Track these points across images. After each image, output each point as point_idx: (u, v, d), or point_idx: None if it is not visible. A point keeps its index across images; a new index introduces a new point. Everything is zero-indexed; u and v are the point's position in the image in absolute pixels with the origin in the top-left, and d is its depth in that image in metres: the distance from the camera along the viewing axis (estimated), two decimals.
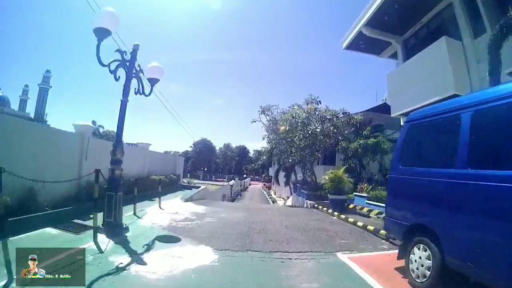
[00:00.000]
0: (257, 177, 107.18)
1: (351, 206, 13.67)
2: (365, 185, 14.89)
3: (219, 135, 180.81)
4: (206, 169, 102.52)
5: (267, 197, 50.38)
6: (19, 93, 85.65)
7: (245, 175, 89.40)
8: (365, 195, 13.91)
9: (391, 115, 14.54)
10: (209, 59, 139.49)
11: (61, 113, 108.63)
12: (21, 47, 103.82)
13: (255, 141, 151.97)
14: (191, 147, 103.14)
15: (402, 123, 14.92)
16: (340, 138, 17.46)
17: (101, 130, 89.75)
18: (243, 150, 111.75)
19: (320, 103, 18.16)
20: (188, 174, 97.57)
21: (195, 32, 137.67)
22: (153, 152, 18.14)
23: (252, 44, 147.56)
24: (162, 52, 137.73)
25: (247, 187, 74.76)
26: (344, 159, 19.59)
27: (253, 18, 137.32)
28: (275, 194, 51.99)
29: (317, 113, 17.55)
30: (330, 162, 23.48)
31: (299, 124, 16.97)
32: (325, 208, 13.15)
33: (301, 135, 16.31)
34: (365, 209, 12.73)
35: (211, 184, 63.71)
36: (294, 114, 16.67)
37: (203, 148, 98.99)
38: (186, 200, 14.42)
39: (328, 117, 17.53)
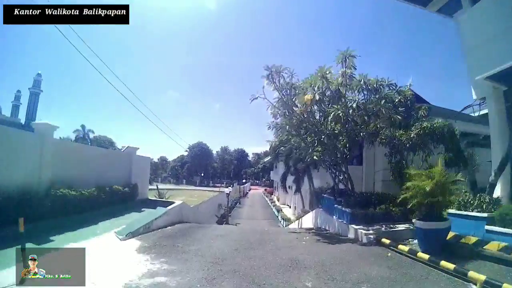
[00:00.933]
0: (257, 182, 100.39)
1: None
2: (467, 195, 7.89)
3: (216, 139, 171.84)
4: (203, 174, 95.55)
5: (270, 204, 43.30)
6: (12, 99, 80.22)
7: (244, 180, 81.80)
8: (481, 214, 6.99)
9: (476, 78, 9.30)
10: (205, 62, 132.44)
11: (54, 119, 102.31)
12: (14, 51, 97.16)
13: (254, 145, 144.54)
14: (186, 151, 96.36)
15: (475, 96, 10.92)
16: (399, 117, 10.40)
17: (91, 135, 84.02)
18: (241, 154, 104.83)
19: (356, 69, 11.01)
20: (184, 180, 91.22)
21: (191, 35, 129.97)
22: (65, 144, 11.00)
23: (250, 45, 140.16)
24: (159, 58, 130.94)
25: (247, 192, 67.51)
26: (391, 154, 12.41)
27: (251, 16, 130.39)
28: (278, 201, 45.07)
29: (357, 78, 10.46)
30: (353, 161, 16.66)
31: (329, 93, 10.03)
32: (403, 247, 6.35)
33: (339, 112, 9.26)
34: (494, 245, 6.03)
35: (208, 190, 56.89)
36: (325, 73, 9.57)
37: (199, 152, 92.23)
38: (130, 236, 7.53)
39: (374, 85, 10.49)
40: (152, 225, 9.08)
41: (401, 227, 8.60)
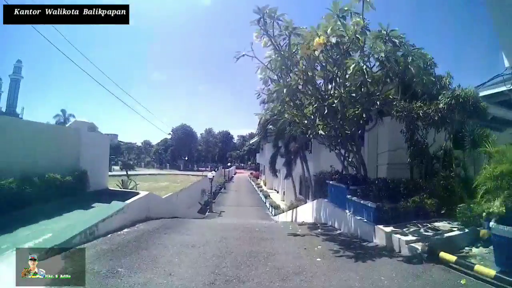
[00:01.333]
0: (242, 165, 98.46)
1: None
2: None
3: (201, 122, 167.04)
4: (187, 158, 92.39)
5: (256, 189, 41.08)
6: None
7: (229, 163, 78.27)
8: None
9: None
10: (193, 45, 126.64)
11: (36, 105, 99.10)
12: None
13: (239, 128, 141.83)
14: (169, 134, 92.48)
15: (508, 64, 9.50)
16: (432, 79, 7.93)
17: (72, 120, 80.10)
18: (226, 136, 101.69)
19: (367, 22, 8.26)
20: (168, 165, 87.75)
21: (176, 18, 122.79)
22: None
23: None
24: (145, 40, 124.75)
25: (232, 176, 65.11)
26: (408, 131, 9.85)
27: None
28: (265, 186, 42.99)
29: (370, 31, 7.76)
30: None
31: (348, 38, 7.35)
32: (484, 270, 3.90)
33: (361, 64, 6.63)
34: None
35: (192, 175, 53.88)
36: (342, 10, 6.83)
37: (183, 135, 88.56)
38: (53, 253, 4.80)
39: (394, 40, 7.81)
40: (97, 229, 6.35)
41: (442, 227, 6.20)
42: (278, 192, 37.62)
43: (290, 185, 25.93)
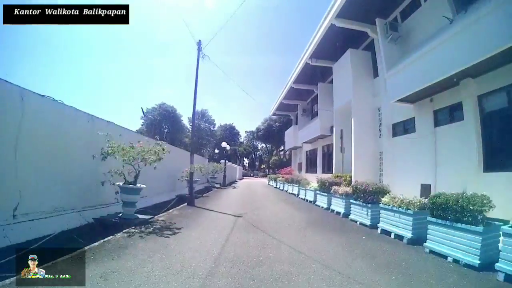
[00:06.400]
0: (251, 174, 71.45)
1: None
2: None
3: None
4: None
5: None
6: None
7: (227, 149, 40.83)
8: None
9: None
10: None
11: None
12: None
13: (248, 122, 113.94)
14: (141, 117, 61.03)
15: None
16: None
17: None
18: (230, 131, 73.28)
19: None
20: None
21: None
22: None
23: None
24: None
25: (236, 181, 36.65)
26: None
27: None
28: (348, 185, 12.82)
29: None
30: None
31: None
32: None
33: None
34: None
35: None
36: None
37: (159, 117, 58.07)
38: None
39: None
40: None
41: None
42: None
43: None
